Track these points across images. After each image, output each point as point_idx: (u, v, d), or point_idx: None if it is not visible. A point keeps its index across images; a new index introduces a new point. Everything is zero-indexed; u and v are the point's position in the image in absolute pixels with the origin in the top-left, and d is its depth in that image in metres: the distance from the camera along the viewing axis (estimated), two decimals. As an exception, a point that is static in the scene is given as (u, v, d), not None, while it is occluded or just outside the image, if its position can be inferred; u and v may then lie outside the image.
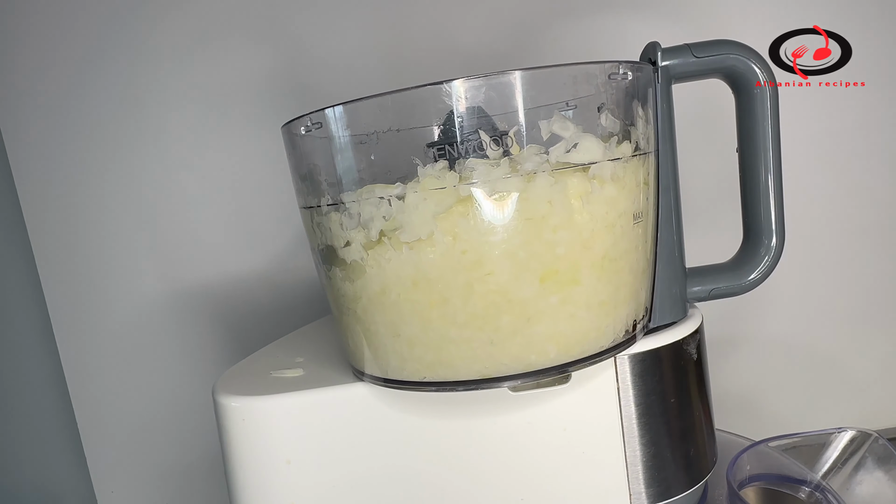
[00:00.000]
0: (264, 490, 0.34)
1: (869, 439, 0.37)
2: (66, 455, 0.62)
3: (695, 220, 0.48)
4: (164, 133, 0.59)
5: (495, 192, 0.28)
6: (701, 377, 0.37)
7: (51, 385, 0.61)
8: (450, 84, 0.28)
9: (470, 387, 0.30)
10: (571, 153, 0.29)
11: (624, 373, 0.34)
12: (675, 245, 0.37)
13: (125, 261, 0.61)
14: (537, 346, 0.30)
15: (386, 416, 0.33)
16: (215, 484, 0.60)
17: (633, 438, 0.34)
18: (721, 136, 0.43)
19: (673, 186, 0.36)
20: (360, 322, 0.33)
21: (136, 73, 0.58)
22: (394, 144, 0.30)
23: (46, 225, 0.60)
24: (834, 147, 0.59)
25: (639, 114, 0.32)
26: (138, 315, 0.61)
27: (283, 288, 0.62)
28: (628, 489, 0.34)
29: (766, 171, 0.37)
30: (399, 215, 0.29)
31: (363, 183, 0.31)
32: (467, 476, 0.34)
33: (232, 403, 0.34)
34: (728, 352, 0.63)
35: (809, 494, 0.37)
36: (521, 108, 0.29)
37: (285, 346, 0.43)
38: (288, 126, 0.33)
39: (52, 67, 0.58)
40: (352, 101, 0.30)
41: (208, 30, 0.58)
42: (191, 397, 0.62)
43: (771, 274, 0.38)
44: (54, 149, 0.59)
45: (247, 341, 0.62)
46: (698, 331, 0.36)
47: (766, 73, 0.35)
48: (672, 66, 0.35)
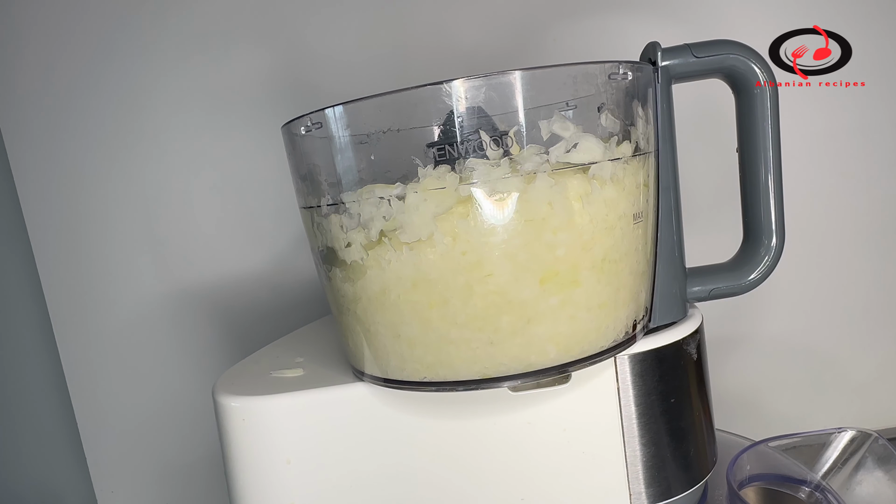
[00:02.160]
0: (264, 490, 0.34)
1: (869, 439, 0.37)
2: (66, 455, 0.62)
3: (695, 220, 0.48)
4: (165, 133, 0.59)
5: (495, 193, 0.28)
6: (701, 377, 0.37)
7: (51, 385, 0.61)
8: (450, 84, 0.28)
9: (470, 387, 0.30)
10: (571, 153, 0.29)
11: (624, 373, 0.34)
12: (675, 245, 0.37)
13: (125, 261, 0.61)
14: (537, 346, 0.30)
15: (386, 416, 0.33)
16: (215, 484, 0.60)
17: (633, 438, 0.34)
18: (721, 136, 0.43)
19: (673, 186, 0.36)
20: (360, 322, 0.33)
21: (137, 73, 0.58)
22: (394, 144, 0.30)
23: (46, 225, 0.60)
24: (834, 147, 0.59)
25: (639, 114, 0.32)
26: (138, 315, 0.61)
27: (283, 288, 0.62)
28: (628, 489, 0.34)
29: (766, 171, 0.37)
30: (399, 216, 0.29)
31: (363, 183, 0.31)
32: (467, 476, 0.34)
33: (232, 403, 0.34)
34: (728, 352, 0.63)
35: (809, 494, 0.37)
36: (521, 108, 0.29)
37: (285, 346, 0.43)
38: (288, 126, 0.33)
39: (52, 67, 0.58)
40: (352, 101, 0.30)
41: (209, 30, 0.58)
42: (191, 397, 0.62)
43: (771, 274, 0.38)
44: (54, 149, 0.59)
45: (247, 341, 0.62)
46: (698, 331, 0.36)
47: (766, 73, 0.35)
48: (672, 66, 0.35)
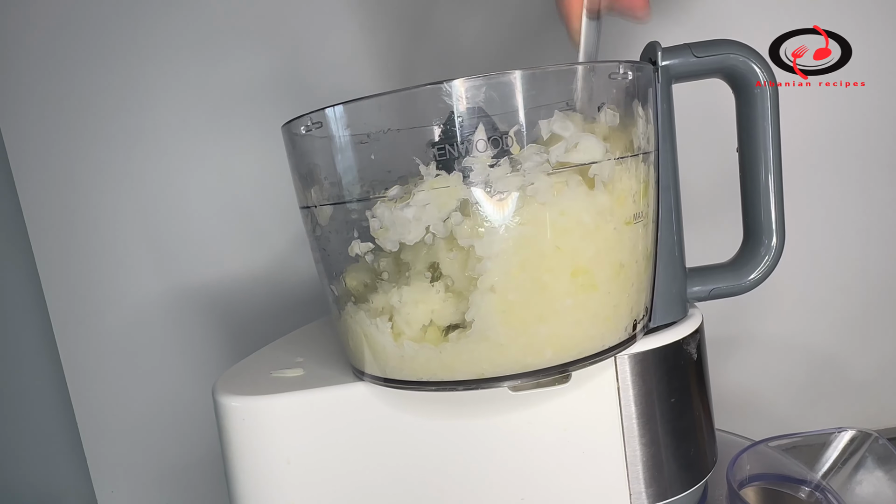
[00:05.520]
0: (264, 490, 0.34)
1: (869, 439, 0.37)
2: (66, 455, 0.61)
3: (695, 220, 0.48)
4: (164, 133, 0.59)
5: (495, 192, 0.28)
6: (701, 377, 0.37)
7: (51, 385, 0.61)
8: (450, 84, 0.28)
9: (470, 387, 0.30)
10: (571, 153, 0.29)
11: (624, 373, 0.33)
12: (675, 245, 0.37)
13: (125, 261, 0.61)
14: (537, 346, 0.30)
15: (386, 416, 0.33)
16: (215, 484, 0.60)
17: (633, 438, 0.34)
18: (721, 136, 0.43)
19: (673, 186, 0.36)
20: (360, 322, 0.33)
21: (137, 73, 0.58)
22: (394, 144, 0.30)
23: (46, 225, 0.60)
24: (834, 147, 0.59)
25: (639, 113, 0.32)
26: (138, 315, 0.61)
27: (283, 288, 0.62)
28: (628, 489, 0.34)
29: (766, 171, 0.37)
30: (399, 215, 0.29)
31: (363, 183, 0.31)
32: (467, 476, 0.34)
33: (232, 403, 0.34)
34: (728, 352, 0.63)
35: (809, 494, 0.37)
36: (521, 107, 0.29)
37: (285, 346, 0.43)
38: (288, 126, 0.33)
39: (52, 67, 0.58)
40: (352, 101, 0.30)
41: (208, 30, 0.58)
42: (191, 397, 0.62)
43: (771, 274, 0.38)
44: (54, 149, 0.59)
45: (247, 341, 0.62)
46: (698, 331, 0.36)
47: (766, 73, 0.35)
48: (672, 66, 0.35)
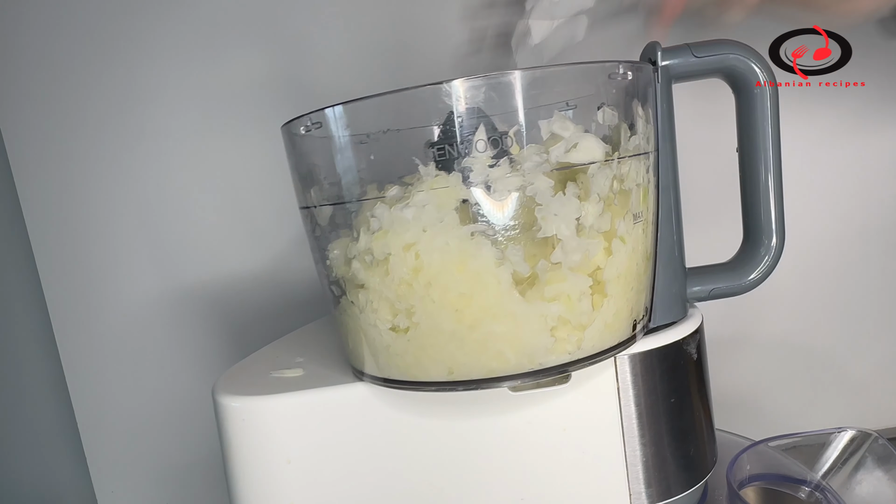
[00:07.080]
0: (264, 490, 0.34)
1: (869, 439, 0.37)
2: (66, 455, 0.61)
3: (695, 220, 0.48)
4: (164, 133, 0.59)
5: (495, 192, 0.28)
6: (701, 377, 0.37)
7: (51, 385, 0.61)
8: (450, 84, 0.28)
9: (470, 387, 0.30)
10: (571, 153, 0.29)
11: (624, 373, 0.33)
12: (675, 245, 0.37)
13: (125, 261, 0.61)
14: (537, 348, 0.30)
15: (386, 416, 0.33)
16: (215, 484, 0.60)
17: (633, 438, 0.34)
18: (721, 136, 0.43)
19: (673, 186, 0.36)
20: (360, 322, 0.33)
21: (136, 72, 0.58)
22: (394, 144, 0.30)
23: (46, 225, 0.60)
24: (834, 147, 0.59)
25: (639, 113, 0.32)
26: (138, 315, 0.61)
27: (283, 288, 0.62)
28: (628, 489, 0.34)
29: (766, 171, 0.37)
30: (399, 215, 0.29)
31: (363, 183, 0.31)
32: (467, 476, 0.34)
33: (232, 403, 0.34)
34: (728, 352, 0.63)
35: (809, 494, 0.37)
36: (521, 108, 0.29)
37: (285, 346, 0.43)
38: (288, 126, 0.33)
39: (52, 67, 0.58)
40: (352, 101, 0.30)
41: (208, 30, 0.58)
42: (191, 397, 0.62)
43: (771, 274, 0.38)
44: (54, 149, 0.59)
45: (247, 341, 0.62)
46: (698, 331, 0.36)
47: (766, 73, 0.35)
48: (672, 66, 0.35)
